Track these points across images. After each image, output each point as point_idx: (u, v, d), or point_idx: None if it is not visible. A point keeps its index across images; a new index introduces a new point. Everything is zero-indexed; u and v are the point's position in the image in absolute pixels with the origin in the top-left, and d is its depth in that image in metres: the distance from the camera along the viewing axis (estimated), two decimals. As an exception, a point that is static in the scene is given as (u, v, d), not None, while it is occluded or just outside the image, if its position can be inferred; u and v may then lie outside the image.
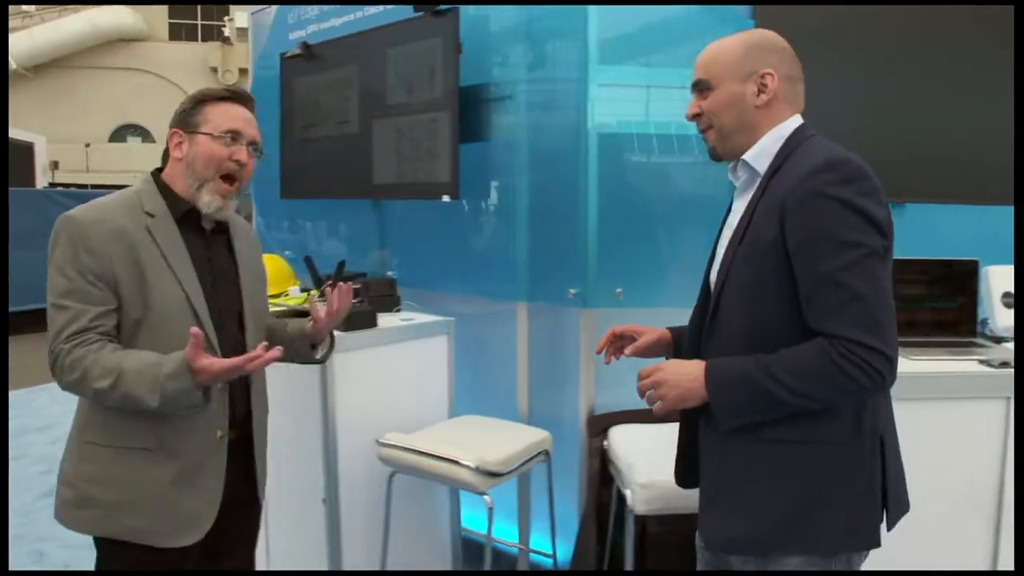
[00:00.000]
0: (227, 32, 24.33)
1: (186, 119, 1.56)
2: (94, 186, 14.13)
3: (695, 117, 1.40)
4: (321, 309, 1.75)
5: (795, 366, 1.21)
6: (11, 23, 22.62)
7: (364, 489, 2.52)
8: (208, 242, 1.64)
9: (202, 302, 1.55)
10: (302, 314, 2.64)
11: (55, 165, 17.75)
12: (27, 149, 16.36)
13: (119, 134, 23.98)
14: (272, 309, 2.79)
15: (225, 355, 1.50)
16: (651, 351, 1.59)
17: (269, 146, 3.72)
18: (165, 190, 1.57)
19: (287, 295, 3.05)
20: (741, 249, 1.31)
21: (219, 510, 1.59)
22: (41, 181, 16.14)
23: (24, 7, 22.71)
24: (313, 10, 3.35)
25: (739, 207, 1.38)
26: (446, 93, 2.68)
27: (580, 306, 2.54)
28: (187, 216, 1.58)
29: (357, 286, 2.84)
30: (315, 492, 2.48)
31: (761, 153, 1.34)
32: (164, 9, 24.42)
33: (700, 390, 1.30)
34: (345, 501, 2.46)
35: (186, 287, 1.52)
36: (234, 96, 1.61)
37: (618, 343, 1.60)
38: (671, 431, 1.57)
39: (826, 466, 1.26)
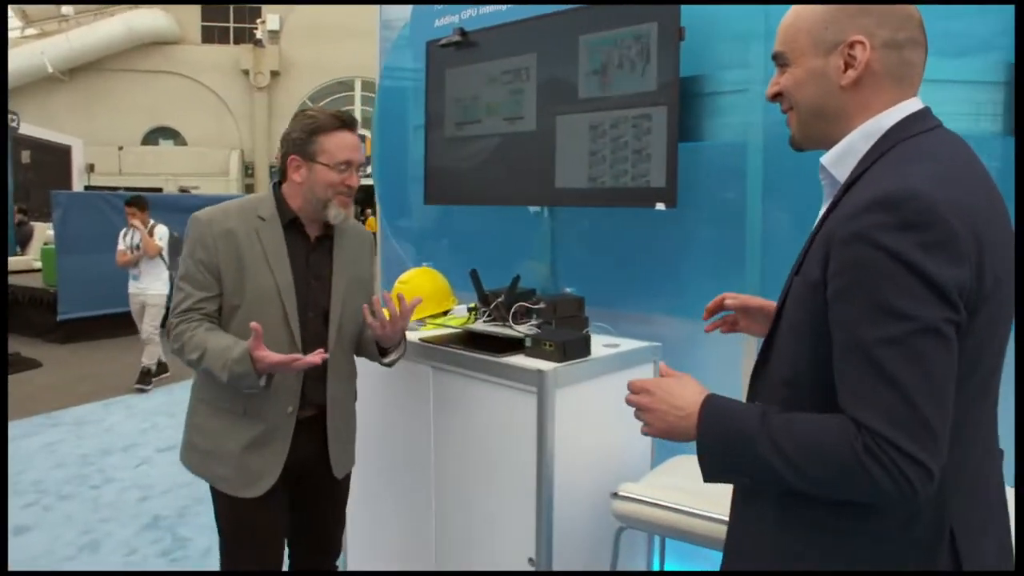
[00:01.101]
0: (259, 35, 24.21)
1: (303, 148, 1.81)
2: (127, 189, 13.92)
3: (775, 97, 1.13)
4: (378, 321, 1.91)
5: (810, 443, 0.95)
6: (48, 27, 22.57)
7: (582, 546, 2.16)
8: (311, 247, 1.90)
9: (292, 296, 1.82)
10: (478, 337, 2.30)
11: (91, 168, 17.59)
12: (65, 152, 16.23)
13: (151, 137, 23.89)
14: (433, 332, 2.48)
15: (306, 346, 1.83)
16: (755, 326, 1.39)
17: (403, 150, 3.42)
18: (280, 201, 1.86)
19: (451, 314, 2.70)
20: (795, 282, 1.07)
21: (294, 478, 1.93)
22: (77, 184, 15.98)
23: (63, 9, 22.65)
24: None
25: (818, 218, 1.09)
26: (663, 86, 2.31)
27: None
28: (293, 223, 1.87)
29: (540, 306, 2.51)
30: (519, 549, 2.12)
31: (846, 154, 1.04)
32: (197, 11, 24.36)
33: (689, 430, 1.07)
34: (558, 561, 2.10)
35: (279, 280, 1.81)
36: (344, 124, 1.83)
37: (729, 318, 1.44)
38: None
39: (865, 561, 0.99)
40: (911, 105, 1.03)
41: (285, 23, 24.37)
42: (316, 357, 1.69)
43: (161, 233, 6.11)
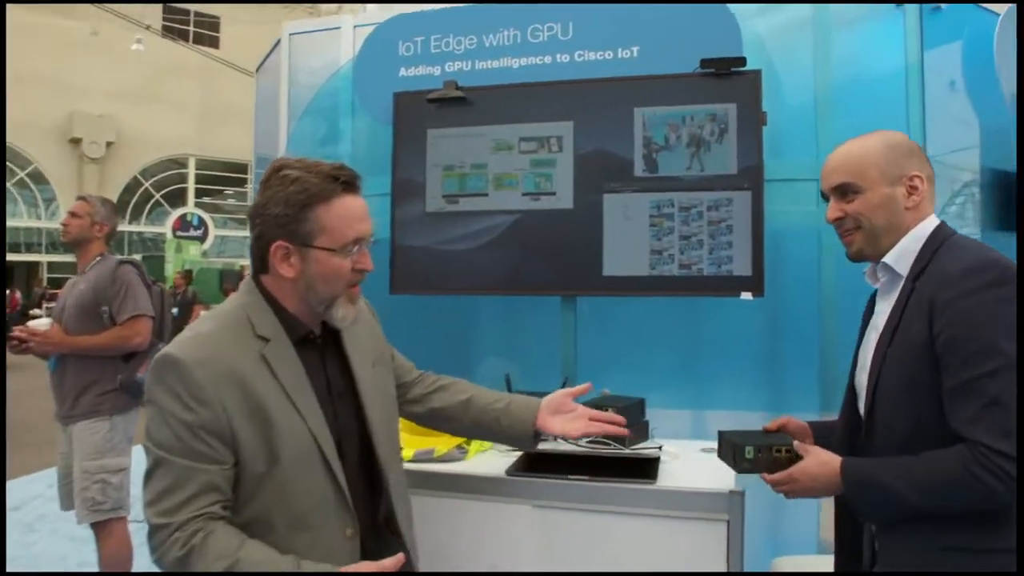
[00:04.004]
0: None
1: (292, 228, 1.29)
2: None
3: (837, 220, 1.43)
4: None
5: (931, 472, 1.24)
6: None
7: None
8: (323, 357, 1.40)
9: (329, 441, 1.32)
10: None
11: None
12: None
13: None
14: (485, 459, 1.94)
15: (351, 488, 1.34)
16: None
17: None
18: (276, 306, 1.35)
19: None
20: (891, 351, 1.33)
21: None
22: None
23: None
24: (460, 43, 2.54)
25: (883, 308, 1.40)
26: (745, 170, 2.19)
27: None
28: (305, 338, 1.37)
29: (608, 413, 2.13)
30: None
31: (903, 254, 1.37)
32: None
33: (833, 491, 1.38)
34: None
35: (313, 428, 1.30)
36: (348, 185, 1.31)
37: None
38: None
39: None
40: (935, 219, 1.39)
41: None
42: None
43: None
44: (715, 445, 2.11)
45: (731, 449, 1.55)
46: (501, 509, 1.82)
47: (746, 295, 2.19)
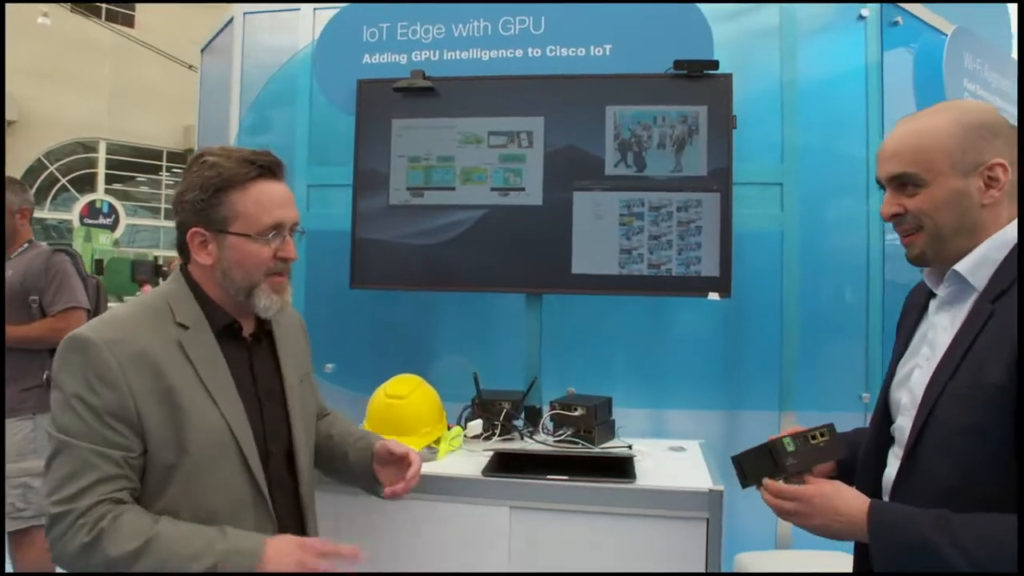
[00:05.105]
0: None
1: (206, 215, 1.26)
2: None
3: (895, 217, 1.17)
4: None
5: (999, 547, 0.98)
6: None
7: None
8: (251, 352, 1.36)
9: (247, 434, 1.27)
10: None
11: None
12: None
13: None
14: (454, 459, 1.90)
15: (272, 494, 1.30)
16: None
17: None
18: (200, 295, 1.31)
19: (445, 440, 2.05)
20: (952, 385, 1.09)
21: None
22: None
23: None
24: (428, 31, 2.46)
25: (942, 323, 1.16)
26: (714, 172, 2.21)
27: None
28: (227, 326, 1.32)
29: (578, 412, 2.13)
30: None
31: (981, 264, 1.11)
32: None
33: (853, 534, 1.13)
34: None
35: (228, 415, 1.25)
36: (264, 170, 1.28)
37: None
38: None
39: None
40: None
41: None
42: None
43: None
44: (683, 444, 2.15)
45: (766, 454, 1.26)
46: (477, 511, 1.77)
47: (713, 296, 2.21)
